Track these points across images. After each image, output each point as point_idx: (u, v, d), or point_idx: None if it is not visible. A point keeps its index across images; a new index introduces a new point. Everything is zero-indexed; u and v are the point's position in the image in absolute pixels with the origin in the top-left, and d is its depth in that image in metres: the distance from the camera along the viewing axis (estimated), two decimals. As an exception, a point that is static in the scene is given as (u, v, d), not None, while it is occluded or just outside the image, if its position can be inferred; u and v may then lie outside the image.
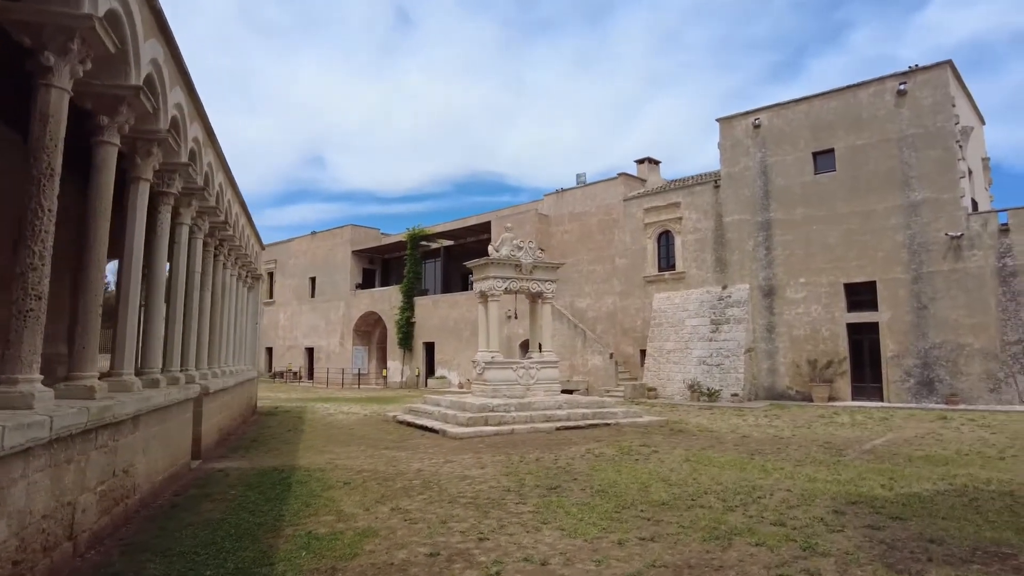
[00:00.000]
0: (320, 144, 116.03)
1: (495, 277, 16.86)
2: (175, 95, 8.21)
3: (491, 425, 14.30)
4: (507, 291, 17.23)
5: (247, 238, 17.59)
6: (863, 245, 21.34)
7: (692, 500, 7.61)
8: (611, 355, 26.29)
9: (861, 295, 21.45)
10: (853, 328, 21.50)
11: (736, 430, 14.72)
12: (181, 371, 10.12)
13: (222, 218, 12.77)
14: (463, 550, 5.73)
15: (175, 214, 9.76)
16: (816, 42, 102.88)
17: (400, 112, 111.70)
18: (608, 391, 25.25)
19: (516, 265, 17.17)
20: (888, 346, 20.71)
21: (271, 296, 46.86)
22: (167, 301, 9.80)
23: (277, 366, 44.80)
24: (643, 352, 26.26)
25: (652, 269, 26.83)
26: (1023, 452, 10.94)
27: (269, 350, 46.33)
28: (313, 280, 43.08)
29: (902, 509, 7.05)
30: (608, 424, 15.39)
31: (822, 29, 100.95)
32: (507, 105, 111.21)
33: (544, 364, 17.34)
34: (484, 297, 17.10)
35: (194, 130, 9.49)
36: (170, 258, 9.93)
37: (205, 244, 12.97)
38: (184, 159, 9.02)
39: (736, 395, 21.83)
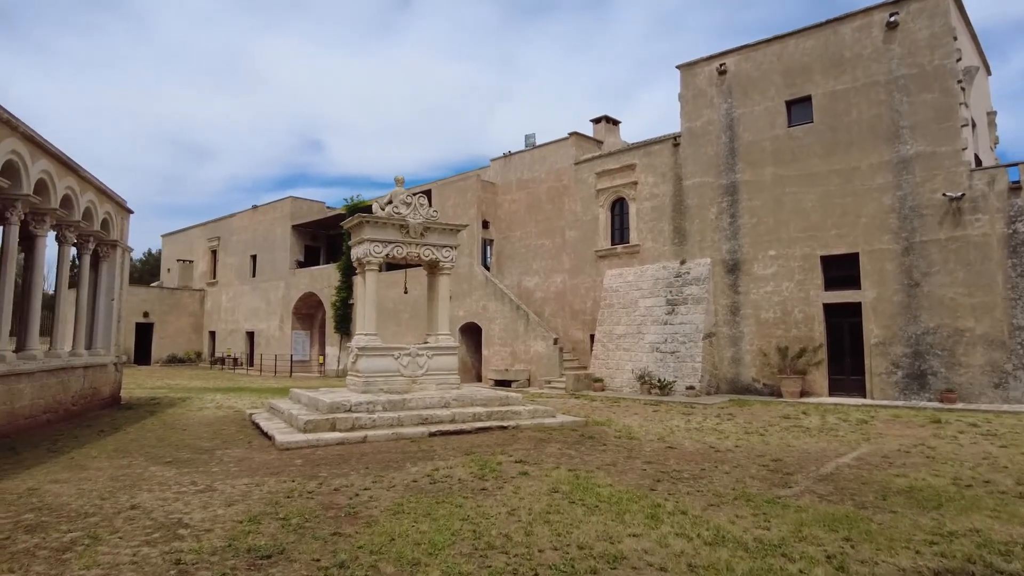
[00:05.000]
0: (316, 126, 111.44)
1: (372, 240, 13.23)
2: None
3: (338, 431, 10.81)
4: (389, 258, 13.64)
5: (77, 195, 13.92)
6: (844, 210, 17.80)
7: (475, 597, 4.18)
8: (555, 340, 22.80)
9: (841, 270, 17.92)
10: (831, 310, 18.01)
11: (667, 437, 11.29)
12: None
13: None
14: None
15: None
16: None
17: (395, 93, 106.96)
18: (550, 382, 21.80)
19: (401, 226, 13.55)
20: (872, 331, 17.25)
21: (214, 276, 43.56)
22: None
23: (220, 351, 41.49)
24: (593, 337, 22.79)
25: (604, 242, 23.25)
26: (1052, 483, 7.52)
27: (212, 334, 43.09)
28: (254, 258, 39.51)
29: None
30: (504, 427, 11.93)
31: (817, 14, 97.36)
32: (504, 87, 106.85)
33: (439, 351, 13.81)
34: (361, 266, 13.52)
35: None
36: None
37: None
38: None
39: (692, 388, 18.36)
